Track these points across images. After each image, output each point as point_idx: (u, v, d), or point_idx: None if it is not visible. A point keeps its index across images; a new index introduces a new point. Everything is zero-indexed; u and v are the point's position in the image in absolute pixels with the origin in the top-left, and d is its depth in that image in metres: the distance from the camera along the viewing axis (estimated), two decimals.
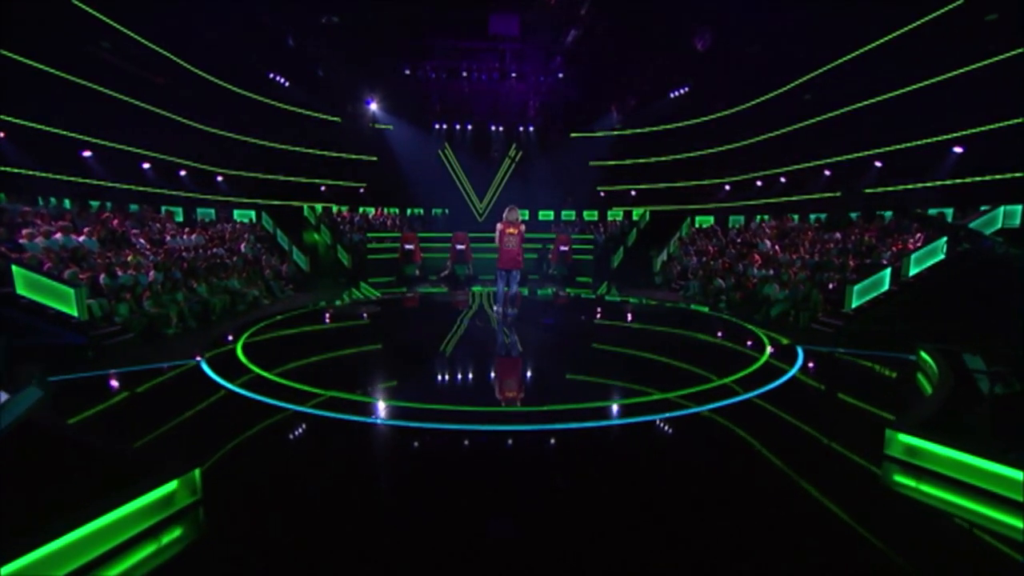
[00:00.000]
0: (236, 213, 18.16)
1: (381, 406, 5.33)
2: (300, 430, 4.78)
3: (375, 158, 21.67)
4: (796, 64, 14.60)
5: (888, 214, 13.13)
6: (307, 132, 19.72)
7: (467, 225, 19.97)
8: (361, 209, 21.58)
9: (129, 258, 10.21)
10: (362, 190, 22.28)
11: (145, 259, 10.64)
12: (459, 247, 17.31)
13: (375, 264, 17.74)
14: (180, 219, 15.87)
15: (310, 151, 20.47)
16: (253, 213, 18.39)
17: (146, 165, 15.58)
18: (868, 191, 13.93)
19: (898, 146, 13.12)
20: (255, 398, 5.49)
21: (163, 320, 8.93)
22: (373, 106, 19.49)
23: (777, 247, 15.40)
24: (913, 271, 9.63)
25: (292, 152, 19.93)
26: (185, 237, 13.68)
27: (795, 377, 6.56)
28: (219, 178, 18.17)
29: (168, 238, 12.87)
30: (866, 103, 13.50)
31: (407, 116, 20.48)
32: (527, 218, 24.58)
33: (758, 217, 18.00)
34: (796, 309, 10.94)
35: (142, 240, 11.58)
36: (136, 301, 8.82)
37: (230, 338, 8.39)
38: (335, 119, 19.86)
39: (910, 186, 12.96)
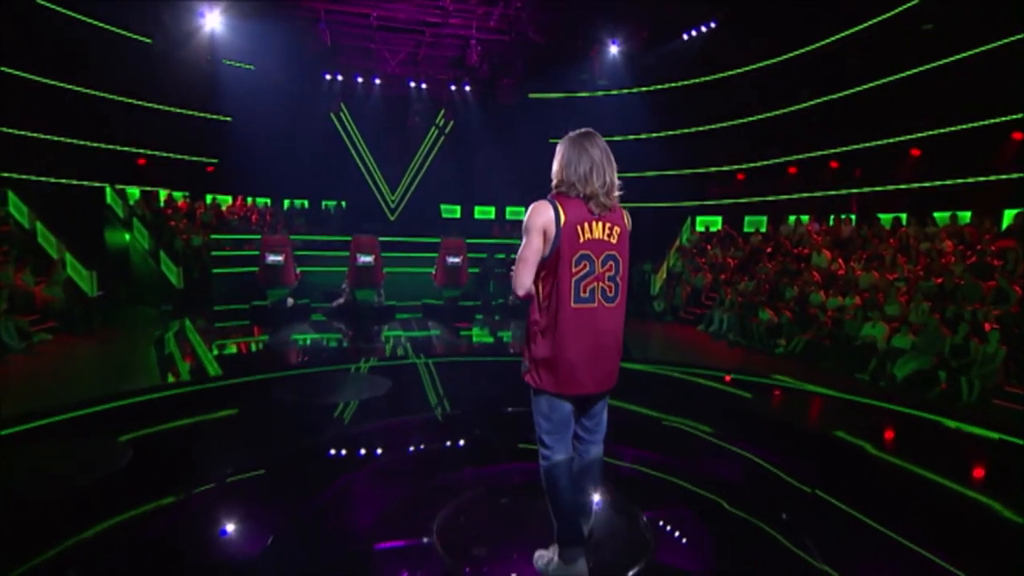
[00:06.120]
0: None
1: None
2: None
3: (228, 118, 14.40)
4: None
5: None
6: (106, 65, 12.00)
7: (374, 226, 13.63)
8: (209, 198, 14.62)
9: None
10: (211, 168, 15.11)
11: None
12: (362, 259, 10.70)
13: (226, 283, 11.47)
14: None
15: (116, 98, 12.77)
16: None
17: None
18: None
19: None
20: None
21: None
22: (212, 22, 12.00)
23: (842, 261, 10.61)
24: None
25: (77, 94, 12.15)
26: None
27: None
28: None
29: None
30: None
31: (278, 53, 13.33)
32: (459, 216, 18.05)
33: (791, 218, 13.18)
34: (946, 369, 6.18)
35: None
36: None
37: None
38: (143, 39, 12.04)
39: None
